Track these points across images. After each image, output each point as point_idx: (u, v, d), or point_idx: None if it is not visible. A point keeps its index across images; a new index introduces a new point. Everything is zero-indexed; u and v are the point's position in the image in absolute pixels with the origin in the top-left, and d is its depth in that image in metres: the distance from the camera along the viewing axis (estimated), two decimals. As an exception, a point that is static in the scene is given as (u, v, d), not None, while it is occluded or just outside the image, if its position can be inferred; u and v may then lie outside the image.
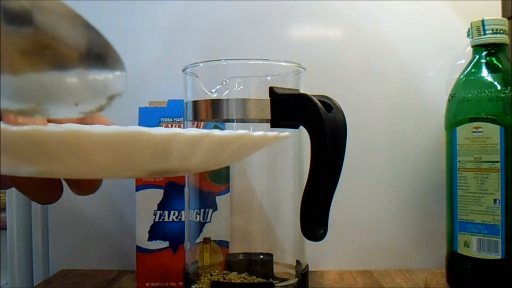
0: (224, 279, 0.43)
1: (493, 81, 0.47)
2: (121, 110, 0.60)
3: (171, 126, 0.51)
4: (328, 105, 0.37)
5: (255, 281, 0.43)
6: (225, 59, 0.42)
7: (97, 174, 0.24)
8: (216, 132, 0.22)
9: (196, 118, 0.43)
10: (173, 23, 0.62)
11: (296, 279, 0.43)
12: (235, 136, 0.24)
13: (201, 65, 0.42)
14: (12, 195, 0.61)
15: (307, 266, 0.44)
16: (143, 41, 0.63)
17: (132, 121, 0.51)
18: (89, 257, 0.62)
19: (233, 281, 0.43)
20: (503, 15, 0.60)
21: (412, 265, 0.60)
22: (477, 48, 0.49)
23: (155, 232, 0.51)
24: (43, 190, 0.28)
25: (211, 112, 0.40)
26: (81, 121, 0.33)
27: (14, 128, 0.18)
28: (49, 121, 0.30)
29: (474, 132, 0.47)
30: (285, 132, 0.30)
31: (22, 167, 0.21)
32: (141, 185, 0.51)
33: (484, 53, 0.49)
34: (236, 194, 0.50)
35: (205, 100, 0.41)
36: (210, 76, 0.43)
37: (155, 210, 0.51)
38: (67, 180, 0.29)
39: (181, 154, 0.22)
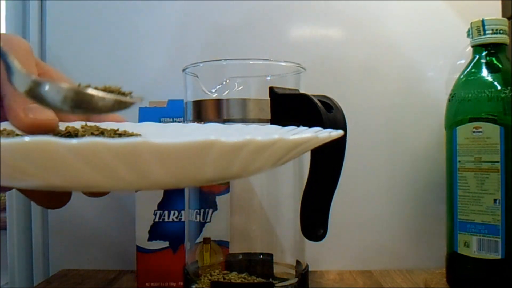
0: (224, 279, 0.43)
1: (493, 81, 0.47)
2: (121, 110, 0.60)
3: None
4: (328, 105, 0.37)
5: (255, 281, 0.43)
6: (225, 59, 0.42)
7: (122, 188, 0.22)
8: (288, 137, 0.20)
9: (196, 118, 0.43)
10: (173, 24, 0.62)
11: (296, 279, 0.43)
12: (303, 140, 0.22)
13: (201, 65, 0.42)
14: (12, 195, 0.61)
15: (307, 266, 0.44)
16: (144, 41, 0.63)
17: (132, 121, 0.51)
18: (89, 257, 0.62)
19: (233, 281, 0.43)
20: (503, 15, 0.60)
21: (412, 265, 0.60)
22: (477, 48, 0.49)
23: (155, 232, 0.51)
24: (50, 196, 0.27)
25: (211, 112, 0.40)
26: (89, 118, 0.32)
27: (27, 138, 0.16)
28: (60, 119, 0.29)
29: (474, 132, 0.47)
30: (337, 131, 0.27)
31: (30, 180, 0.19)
32: (141, 185, 0.51)
33: (484, 53, 0.49)
34: (236, 194, 0.49)
35: (205, 100, 0.41)
36: (210, 76, 0.43)
37: (155, 210, 0.51)
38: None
39: (244, 161, 0.20)
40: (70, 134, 0.27)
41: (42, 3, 0.63)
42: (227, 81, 0.41)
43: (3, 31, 0.62)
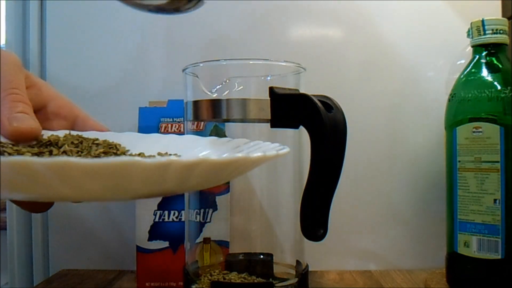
0: (224, 279, 0.43)
1: (493, 81, 0.47)
2: (121, 110, 0.60)
3: (171, 126, 0.51)
4: (328, 105, 0.37)
5: (255, 281, 0.43)
6: (225, 59, 0.42)
7: (87, 199, 0.25)
8: (212, 157, 0.22)
9: (196, 118, 0.43)
10: (173, 23, 0.62)
11: (296, 279, 0.43)
12: (232, 160, 0.23)
13: (201, 65, 0.42)
14: (12, 195, 0.61)
15: (307, 266, 0.44)
16: (143, 40, 0.63)
17: (132, 121, 0.52)
18: (89, 257, 0.62)
19: (233, 281, 0.43)
20: (503, 15, 0.60)
21: (412, 265, 0.60)
22: (477, 48, 0.49)
23: (155, 232, 0.51)
24: (36, 202, 0.28)
25: (211, 112, 0.40)
26: (74, 126, 0.34)
27: (4, 159, 0.18)
28: (43, 128, 0.31)
29: (474, 132, 0.47)
30: (285, 149, 0.29)
31: (16, 195, 0.22)
32: (141, 185, 0.51)
33: (484, 53, 0.49)
34: (236, 194, 0.50)
35: (205, 100, 0.41)
36: (210, 76, 0.43)
37: (155, 210, 0.51)
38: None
39: (176, 180, 0.22)
40: (51, 142, 0.29)
41: (42, 3, 0.63)
42: (227, 81, 0.41)
43: (3, 31, 0.62)
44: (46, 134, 0.31)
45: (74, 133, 0.32)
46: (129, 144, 0.33)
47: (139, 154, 0.31)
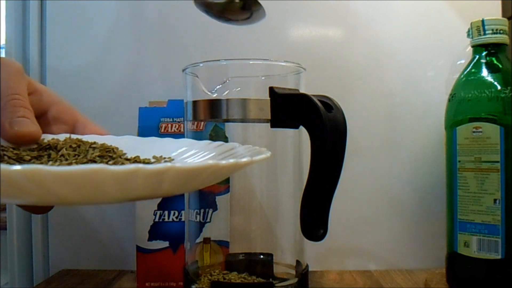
0: (224, 279, 0.43)
1: (493, 81, 0.47)
2: (121, 110, 0.60)
3: (171, 126, 0.51)
4: (328, 105, 0.37)
5: (255, 281, 0.43)
6: (225, 59, 0.42)
7: (67, 203, 0.26)
8: (179, 164, 0.23)
9: (196, 118, 0.43)
10: (173, 23, 0.62)
11: (296, 279, 0.43)
12: (201, 167, 0.24)
13: (201, 65, 0.42)
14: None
15: (307, 266, 0.44)
16: (143, 40, 0.63)
17: (132, 121, 0.51)
18: (89, 257, 0.62)
19: (233, 281, 0.43)
20: (503, 15, 0.60)
21: (412, 265, 0.60)
22: (477, 48, 0.49)
23: (155, 232, 0.51)
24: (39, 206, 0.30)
25: (211, 112, 0.40)
26: (74, 130, 0.35)
27: None
28: (45, 132, 0.32)
29: (474, 132, 0.47)
30: (262, 155, 0.29)
31: (4, 200, 0.23)
32: (141, 185, 0.51)
33: (484, 53, 0.49)
34: (236, 194, 0.50)
35: (205, 100, 0.41)
36: (210, 76, 0.43)
37: (155, 210, 0.51)
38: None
39: (147, 186, 0.23)
40: (50, 146, 0.30)
41: (42, 3, 0.63)
42: (227, 81, 0.41)
43: (3, 31, 0.62)
44: (47, 138, 0.32)
45: (74, 137, 0.33)
46: (127, 147, 0.34)
47: (135, 158, 0.32)
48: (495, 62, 0.48)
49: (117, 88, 0.62)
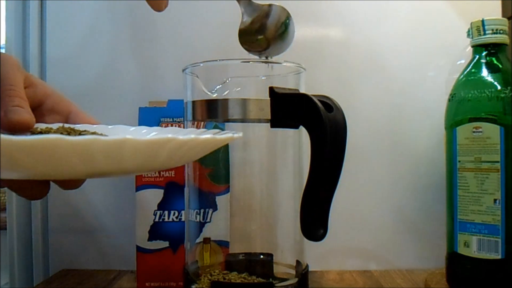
0: (224, 279, 0.43)
1: (493, 81, 0.47)
2: (121, 110, 0.60)
3: (171, 126, 0.51)
4: (328, 105, 0.37)
5: (255, 281, 0.43)
6: (225, 59, 0.42)
7: (38, 176, 0.27)
8: (134, 138, 0.23)
9: (196, 118, 0.43)
10: (173, 24, 0.62)
11: (296, 279, 0.43)
12: (158, 141, 0.24)
13: (201, 65, 0.42)
14: (12, 195, 0.61)
15: (307, 266, 0.44)
16: (143, 40, 0.63)
17: (132, 121, 0.51)
18: (89, 257, 0.62)
19: (233, 281, 0.43)
20: (503, 15, 0.60)
21: (412, 265, 0.60)
22: (477, 48, 0.49)
23: (155, 232, 0.51)
24: (33, 188, 0.31)
25: (211, 112, 0.40)
26: (67, 120, 0.37)
27: None
28: (40, 122, 0.34)
29: (474, 132, 0.47)
30: (227, 135, 0.30)
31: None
32: (141, 185, 0.51)
33: (484, 53, 0.49)
34: (236, 194, 0.50)
35: (205, 100, 0.41)
36: (210, 76, 0.43)
37: (155, 210, 0.51)
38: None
39: (107, 159, 0.24)
40: (42, 133, 0.32)
41: (42, 3, 0.63)
42: (227, 81, 0.41)
43: (3, 31, 0.62)
44: (41, 126, 0.34)
45: (67, 126, 0.35)
46: (116, 135, 0.35)
47: (100, 134, 0.33)
48: (495, 62, 0.48)
49: (117, 88, 0.62)
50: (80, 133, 0.32)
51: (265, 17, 0.40)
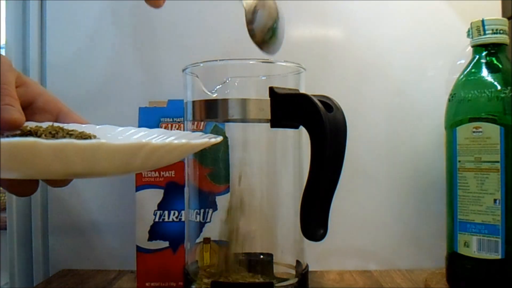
0: (224, 279, 0.43)
1: (493, 81, 0.47)
2: (121, 110, 0.60)
3: (171, 126, 0.51)
4: (328, 105, 0.37)
5: (255, 281, 0.43)
6: (225, 59, 0.42)
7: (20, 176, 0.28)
8: (110, 142, 0.24)
9: (196, 118, 0.43)
10: (173, 23, 0.62)
11: (296, 279, 0.43)
12: (133, 146, 0.25)
13: (201, 65, 0.42)
14: (12, 195, 0.61)
15: (307, 266, 0.44)
16: (143, 40, 0.63)
17: (132, 121, 0.51)
18: (89, 257, 0.62)
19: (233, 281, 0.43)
20: (503, 15, 0.60)
21: (412, 265, 0.60)
22: (477, 48, 0.49)
23: (155, 232, 0.51)
24: (22, 186, 0.32)
25: (211, 112, 0.40)
26: (57, 119, 0.38)
27: None
28: (30, 121, 0.35)
29: (474, 132, 0.47)
30: (202, 140, 0.31)
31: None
32: (141, 185, 0.51)
33: (484, 53, 0.49)
34: (236, 194, 0.49)
35: (205, 100, 0.41)
36: (210, 76, 0.43)
37: (155, 210, 0.51)
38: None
39: (83, 161, 0.25)
40: (31, 132, 0.33)
41: (42, 3, 0.63)
42: (227, 81, 0.41)
43: (3, 31, 0.62)
44: (31, 125, 0.34)
45: (56, 125, 0.35)
46: (104, 135, 0.36)
47: (81, 134, 0.34)
48: (495, 62, 0.48)
49: (117, 88, 0.62)
50: (68, 132, 0.33)
51: (250, 23, 0.40)
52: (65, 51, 0.63)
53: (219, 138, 0.33)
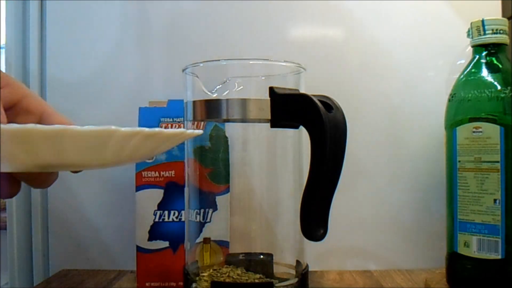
0: (225, 279, 0.43)
1: (493, 81, 0.47)
2: (121, 110, 0.60)
3: (171, 126, 0.51)
4: (328, 105, 0.37)
5: (255, 281, 0.43)
6: (225, 59, 0.42)
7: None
8: (75, 127, 0.23)
9: (196, 118, 0.43)
10: (173, 23, 0.62)
11: (296, 279, 0.43)
12: (101, 131, 0.24)
13: (201, 65, 0.42)
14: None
15: (307, 266, 0.44)
16: (143, 40, 0.63)
17: (132, 121, 0.51)
18: (89, 257, 0.62)
19: (233, 281, 0.43)
20: (503, 15, 0.60)
21: (412, 265, 0.60)
22: (477, 48, 0.49)
23: (155, 232, 0.51)
24: (4, 186, 0.31)
25: (211, 112, 0.40)
26: (41, 120, 0.37)
27: None
28: (14, 122, 0.34)
29: (474, 132, 0.47)
30: (177, 130, 0.29)
31: None
32: (141, 185, 0.51)
33: (484, 53, 0.49)
34: (236, 194, 0.50)
35: (205, 100, 0.41)
36: (210, 76, 0.43)
37: (155, 210, 0.51)
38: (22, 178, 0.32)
39: (49, 150, 0.23)
40: None
41: (42, 3, 0.63)
42: (227, 81, 0.41)
43: (3, 31, 0.62)
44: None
45: (39, 126, 0.35)
46: None
47: None
48: (495, 62, 0.48)
49: (117, 87, 0.62)
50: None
51: None
52: (65, 50, 0.63)
53: (198, 131, 0.31)
